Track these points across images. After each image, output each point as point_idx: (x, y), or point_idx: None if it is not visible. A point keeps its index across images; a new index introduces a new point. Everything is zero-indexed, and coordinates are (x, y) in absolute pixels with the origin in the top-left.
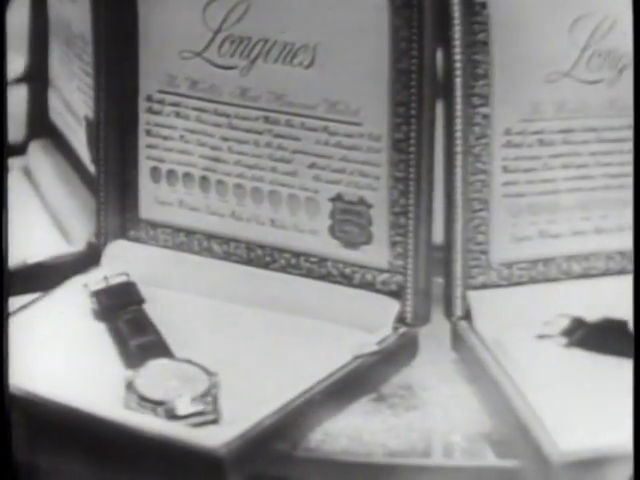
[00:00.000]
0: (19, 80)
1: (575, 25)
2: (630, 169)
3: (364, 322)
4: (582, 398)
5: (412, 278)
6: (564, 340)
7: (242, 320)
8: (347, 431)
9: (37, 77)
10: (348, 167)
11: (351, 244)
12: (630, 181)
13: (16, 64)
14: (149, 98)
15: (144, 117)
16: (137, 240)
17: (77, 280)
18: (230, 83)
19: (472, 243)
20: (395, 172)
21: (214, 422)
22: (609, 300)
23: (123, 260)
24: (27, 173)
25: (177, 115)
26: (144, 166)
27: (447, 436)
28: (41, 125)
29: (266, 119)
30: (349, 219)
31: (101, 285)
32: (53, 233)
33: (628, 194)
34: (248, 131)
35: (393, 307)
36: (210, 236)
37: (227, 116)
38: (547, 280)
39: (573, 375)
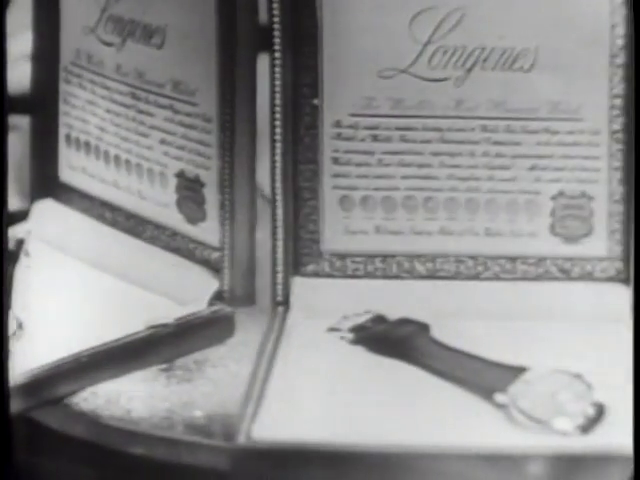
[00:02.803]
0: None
1: (416, 19)
2: (484, 172)
3: (181, 294)
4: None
5: (229, 256)
6: (351, 336)
7: None
8: (111, 393)
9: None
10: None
11: None
12: (484, 184)
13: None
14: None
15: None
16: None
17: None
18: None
19: (303, 231)
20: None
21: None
22: (445, 303)
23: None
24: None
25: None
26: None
27: (190, 412)
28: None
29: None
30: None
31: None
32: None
33: (480, 197)
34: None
35: (212, 284)
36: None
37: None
38: (386, 277)
39: (349, 373)
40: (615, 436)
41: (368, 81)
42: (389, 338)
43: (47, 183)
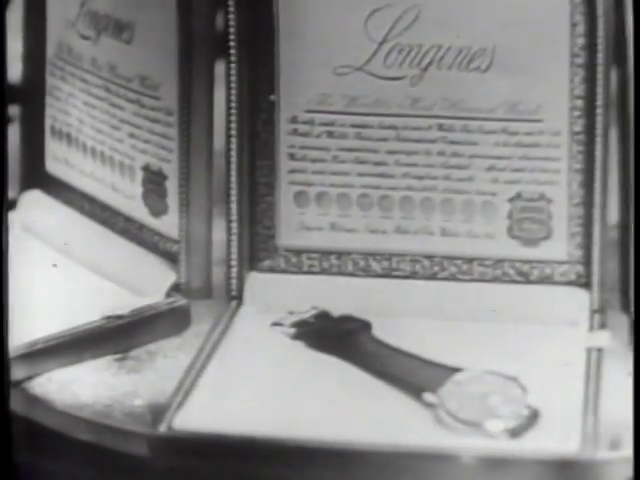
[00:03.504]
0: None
1: (372, 17)
2: (440, 172)
3: (142, 286)
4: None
5: (185, 249)
6: (292, 331)
7: None
8: (65, 379)
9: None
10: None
11: None
12: (440, 184)
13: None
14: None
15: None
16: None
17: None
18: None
19: (260, 226)
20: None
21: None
22: (401, 302)
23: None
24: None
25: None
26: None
27: (131, 400)
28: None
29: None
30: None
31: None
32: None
33: (436, 197)
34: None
35: (171, 276)
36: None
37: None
38: (342, 274)
39: (285, 367)
40: (551, 440)
41: (324, 78)
42: (328, 334)
43: (35, 174)
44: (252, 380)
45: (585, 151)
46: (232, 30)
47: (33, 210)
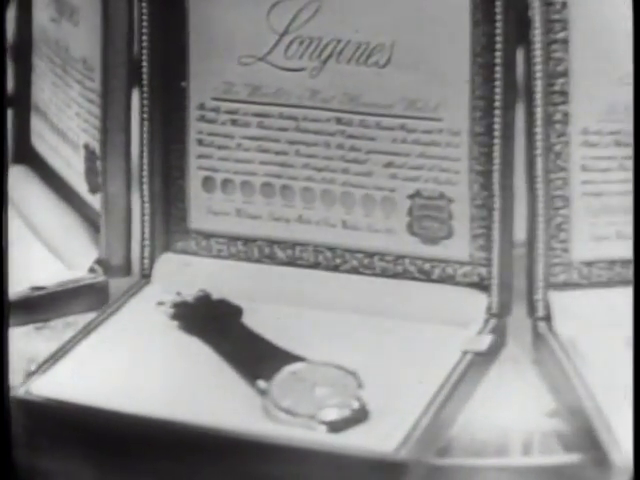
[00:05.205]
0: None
1: (274, 9)
2: (339, 165)
3: (72, 258)
4: None
5: (105, 226)
6: (172, 311)
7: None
8: None
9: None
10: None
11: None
12: (339, 177)
13: None
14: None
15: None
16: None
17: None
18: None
19: (174, 208)
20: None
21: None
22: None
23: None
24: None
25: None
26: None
27: (29, 366)
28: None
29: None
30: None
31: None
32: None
33: (336, 189)
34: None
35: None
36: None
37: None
38: (249, 260)
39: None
40: (370, 438)
41: (229, 67)
42: (199, 317)
43: (21, 150)
44: (118, 356)
45: (487, 152)
46: (145, 24)
47: (17, 184)
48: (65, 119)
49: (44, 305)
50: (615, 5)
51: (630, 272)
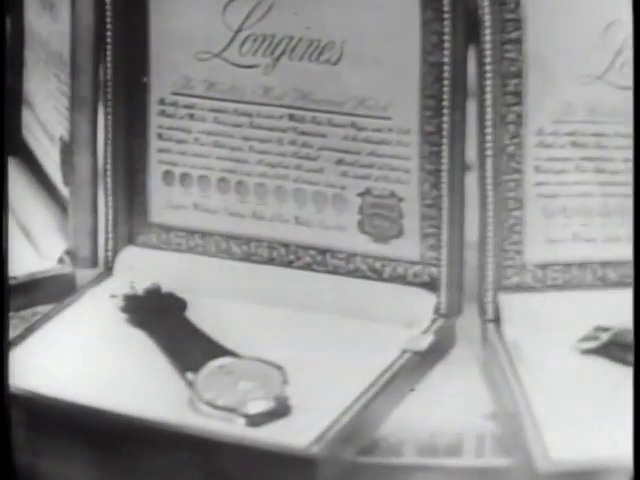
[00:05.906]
0: None
1: (230, 6)
2: (291, 161)
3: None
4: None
5: (72, 218)
6: (122, 303)
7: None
8: None
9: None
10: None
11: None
12: (291, 173)
13: None
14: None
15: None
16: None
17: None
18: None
19: (136, 201)
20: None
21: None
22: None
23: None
24: None
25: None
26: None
27: None
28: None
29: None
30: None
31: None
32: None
33: (288, 185)
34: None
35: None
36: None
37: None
38: (206, 254)
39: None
40: (286, 433)
41: (186, 62)
42: (145, 310)
43: (12, 142)
44: (70, 346)
45: (437, 152)
46: (109, 20)
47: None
48: (46, 112)
49: (14, 295)
50: (570, 4)
51: (587, 274)
